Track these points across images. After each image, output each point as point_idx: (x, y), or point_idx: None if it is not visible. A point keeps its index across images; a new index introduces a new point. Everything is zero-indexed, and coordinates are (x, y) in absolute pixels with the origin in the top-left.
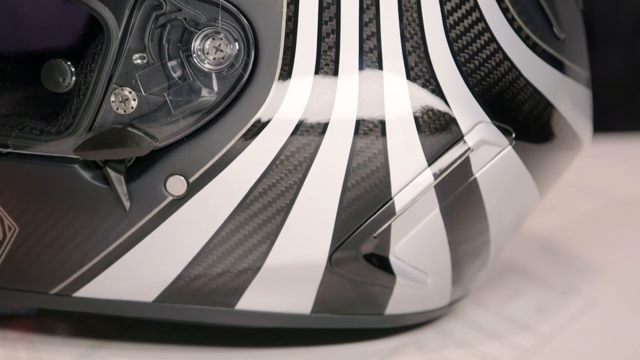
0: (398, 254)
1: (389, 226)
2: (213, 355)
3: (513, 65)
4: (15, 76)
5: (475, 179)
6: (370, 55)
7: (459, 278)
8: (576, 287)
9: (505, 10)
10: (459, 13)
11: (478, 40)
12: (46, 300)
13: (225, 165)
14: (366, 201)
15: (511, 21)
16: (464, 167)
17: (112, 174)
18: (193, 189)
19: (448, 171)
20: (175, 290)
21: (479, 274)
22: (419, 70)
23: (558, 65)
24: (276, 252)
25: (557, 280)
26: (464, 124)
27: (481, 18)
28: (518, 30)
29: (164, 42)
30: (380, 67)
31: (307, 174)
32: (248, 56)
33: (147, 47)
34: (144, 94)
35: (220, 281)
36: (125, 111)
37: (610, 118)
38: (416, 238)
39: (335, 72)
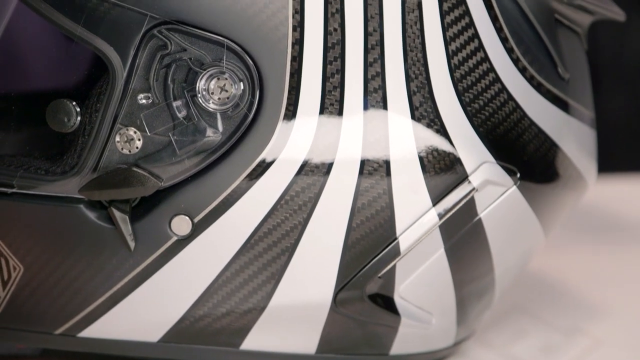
0: (403, 294)
1: (394, 266)
2: None
3: (517, 105)
4: (21, 116)
5: (480, 219)
6: (375, 95)
7: (463, 318)
8: (581, 328)
9: (509, 51)
10: (464, 53)
11: (482, 81)
12: (51, 341)
13: (230, 205)
14: (371, 241)
15: (516, 61)
16: (468, 207)
17: (117, 213)
18: (198, 228)
19: (453, 211)
20: (180, 330)
21: (484, 314)
22: (424, 110)
23: (562, 105)
24: (281, 292)
25: (562, 320)
26: (468, 164)
27: (485, 58)
28: (522, 70)
29: (169, 82)
30: (385, 107)
31: (312, 214)
32: (253, 96)
33: (152, 87)
34: (148, 134)
35: (225, 321)
36: (130, 151)
37: (615, 158)
38: (421, 278)
39: (340, 112)
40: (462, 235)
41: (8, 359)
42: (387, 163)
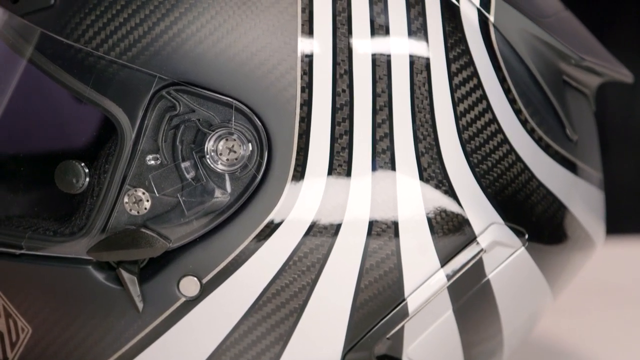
0: (411, 355)
1: (402, 327)
2: None
3: (526, 167)
4: (29, 177)
5: (488, 280)
6: (383, 156)
7: None
8: None
9: (518, 112)
10: (472, 114)
11: (491, 142)
12: None
13: (238, 266)
14: (379, 302)
15: (524, 122)
16: (477, 268)
17: (126, 275)
18: (206, 289)
19: (461, 272)
20: None
21: None
22: (432, 171)
23: (571, 166)
24: (289, 354)
25: None
26: (477, 225)
27: (494, 119)
28: (531, 132)
29: (177, 143)
30: (393, 168)
31: (320, 275)
32: (261, 157)
33: (160, 148)
34: (157, 195)
35: None
36: (138, 212)
37: (623, 220)
38: (429, 339)
39: (348, 173)
40: (471, 296)
41: None
42: (395, 224)
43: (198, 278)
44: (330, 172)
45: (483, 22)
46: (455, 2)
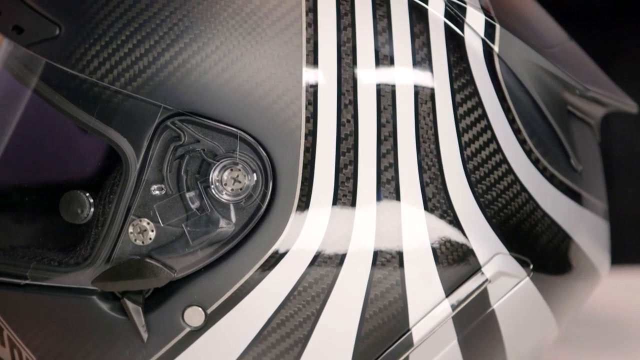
0: None
1: (407, 357)
2: None
3: (530, 197)
4: (34, 208)
5: (493, 311)
6: (388, 186)
7: None
8: None
9: (522, 142)
10: (477, 144)
11: (495, 172)
12: None
13: (243, 296)
14: (384, 332)
15: (528, 153)
16: (481, 298)
17: (130, 305)
18: (211, 320)
19: (466, 302)
20: None
21: None
22: (437, 201)
23: (575, 197)
24: None
25: None
26: (481, 255)
27: (498, 150)
28: (535, 162)
29: (182, 173)
30: (398, 198)
31: (325, 305)
32: (266, 187)
33: (165, 178)
34: (162, 225)
35: None
36: (143, 242)
37: (628, 250)
38: None
39: (353, 203)
40: (476, 326)
41: None
42: (400, 254)
43: (203, 308)
44: (335, 202)
45: (487, 53)
46: (460, 33)
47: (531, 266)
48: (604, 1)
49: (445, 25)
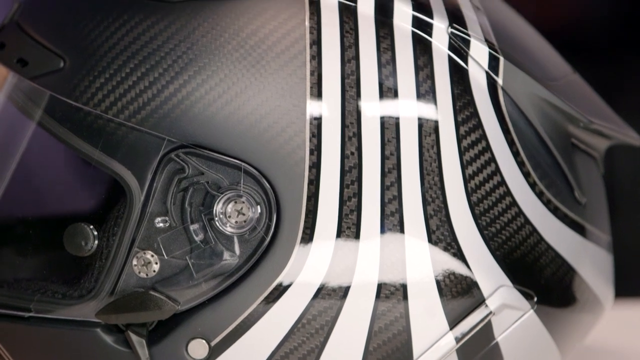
0: None
1: None
2: None
3: (534, 229)
4: (38, 240)
5: (497, 343)
6: (392, 218)
7: None
8: None
9: (526, 175)
10: (480, 177)
11: (499, 204)
12: None
13: (247, 328)
14: None
15: (532, 185)
16: (485, 331)
17: (134, 337)
18: (215, 352)
19: (470, 335)
20: None
21: None
22: (441, 233)
23: (579, 229)
24: None
25: None
26: (485, 288)
27: (502, 182)
28: (539, 195)
29: (186, 205)
30: (402, 231)
31: (329, 338)
32: (270, 219)
33: (169, 211)
34: (166, 258)
35: None
36: (147, 274)
37: (632, 283)
38: None
39: (356, 236)
40: (480, 358)
41: None
42: (404, 287)
43: (207, 340)
44: (339, 235)
45: (491, 85)
46: (464, 65)
47: (535, 299)
48: (607, 34)
49: (449, 57)
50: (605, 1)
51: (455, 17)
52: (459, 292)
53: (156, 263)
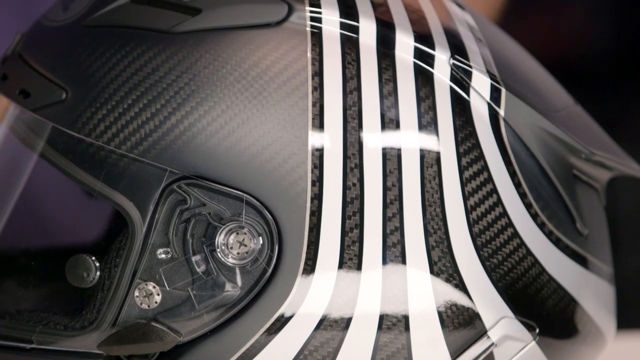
0: None
1: None
2: None
3: (536, 261)
4: (40, 272)
5: None
6: (394, 249)
7: None
8: None
9: (528, 206)
10: (482, 208)
11: (501, 235)
12: None
13: None
14: None
15: (534, 216)
16: None
17: None
18: None
19: None
20: None
21: None
22: (443, 265)
23: (581, 260)
24: None
25: None
26: (487, 319)
27: (504, 213)
28: (541, 226)
29: (188, 236)
30: (404, 262)
31: None
32: (272, 250)
33: (171, 242)
34: (168, 289)
35: None
36: (149, 306)
37: (634, 314)
38: None
39: (358, 267)
40: None
41: None
42: (406, 318)
43: None
44: (340, 266)
45: (493, 116)
46: (466, 97)
47: (537, 330)
48: (609, 65)
49: (451, 88)
50: (606, 33)
51: (457, 48)
52: (461, 324)
53: (158, 294)
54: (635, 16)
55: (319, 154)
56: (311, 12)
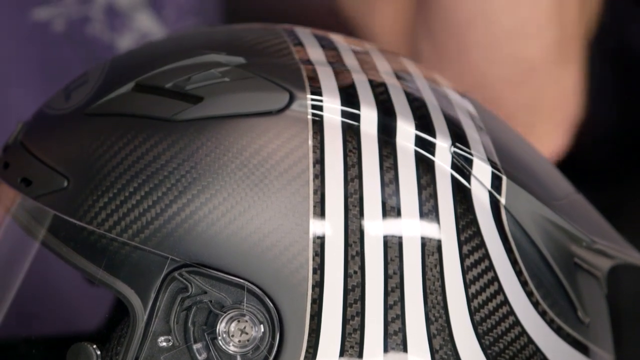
0: None
1: None
2: None
3: (538, 349)
4: None
5: None
6: (395, 337)
7: None
8: None
9: (529, 294)
10: (484, 296)
11: (503, 324)
12: None
13: None
14: None
15: (535, 304)
16: None
17: None
18: None
19: None
20: None
21: None
22: (444, 353)
23: (583, 349)
24: None
25: None
26: None
27: (505, 301)
28: (542, 314)
29: (189, 324)
30: (405, 350)
31: None
32: (273, 338)
33: (172, 330)
34: None
35: None
36: None
37: None
38: None
39: (360, 355)
40: None
41: None
42: None
43: None
44: (341, 354)
45: (494, 204)
46: (467, 184)
47: None
48: (610, 154)
49: (452, 176)
50: (608, 121)
51: (458, 137)
52: None
53: None
54: (637, 105)
55: (320, 241)
56: (312, 100)
